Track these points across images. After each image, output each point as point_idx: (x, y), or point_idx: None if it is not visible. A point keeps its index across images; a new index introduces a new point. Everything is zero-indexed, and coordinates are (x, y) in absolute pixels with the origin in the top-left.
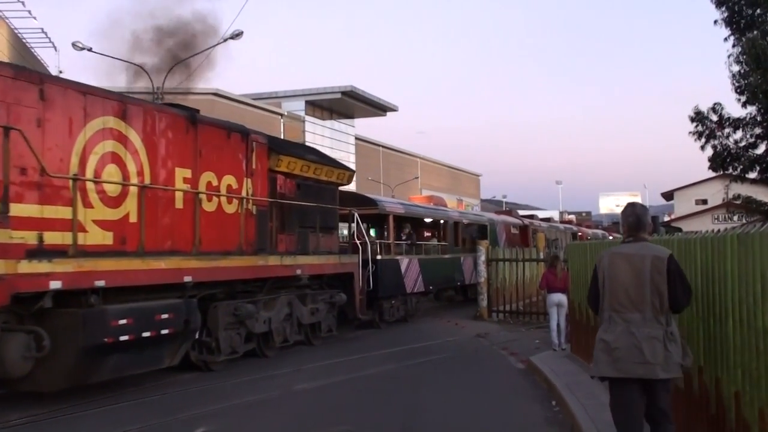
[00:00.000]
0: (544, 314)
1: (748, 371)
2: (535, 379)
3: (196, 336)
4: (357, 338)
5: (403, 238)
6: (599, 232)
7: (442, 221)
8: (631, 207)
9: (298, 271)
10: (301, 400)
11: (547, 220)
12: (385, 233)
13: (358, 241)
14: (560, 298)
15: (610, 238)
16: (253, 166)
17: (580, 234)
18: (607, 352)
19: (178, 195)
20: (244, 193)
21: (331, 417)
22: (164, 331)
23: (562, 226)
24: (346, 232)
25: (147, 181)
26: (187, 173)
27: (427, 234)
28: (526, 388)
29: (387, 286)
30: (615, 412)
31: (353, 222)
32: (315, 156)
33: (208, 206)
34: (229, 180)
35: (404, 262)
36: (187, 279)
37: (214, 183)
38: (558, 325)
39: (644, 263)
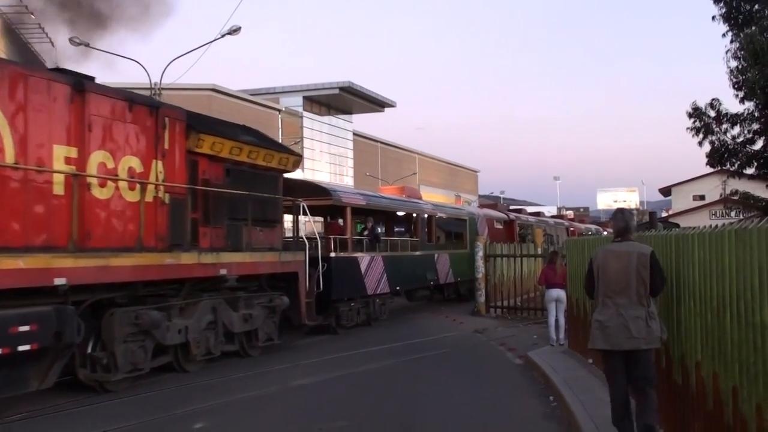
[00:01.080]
0: (542, 310)
1: (746, 366)
2: (533, 374)
3: (89, 350)
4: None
5: (365, 233)
6: (592, 227)
7: (414, 215)
8: (620, 213)
9: (223, 271)
10: (297, 396)
11: (537, 214)
12: (367, 230)
13: (304, 237)
14: (559, 293)
15: (605, 233)
16: (166, 146)
17: (572, 229)
18: (601, 329)
19: (57, 179)
20: (152, 178)
21: (328, 412)
22: (23, 348)
23: (552, 220)
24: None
25: (9, 160)
26: (71, 152)
27: (399, 229)
28: (524, 384)
29: (342, 286)
30: (610, 376)
31: (304, 214)
32: (251, 137)
33: (101, 193)
34: (131, 162)
35: (365, 260)
36: (60, 282)
37: (110, 165)
38: (556, 320)
39: (630, 259)
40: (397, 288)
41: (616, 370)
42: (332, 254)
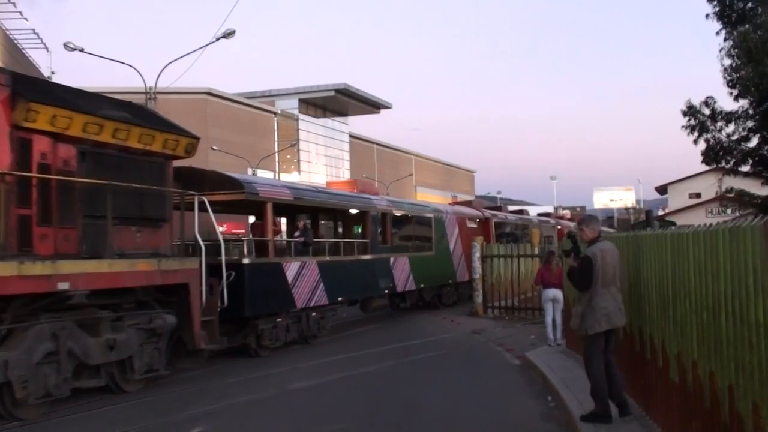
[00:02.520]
0: (540, 310)
1: (741, 364)
2: (530, 374)
3: None
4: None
5: (296, 234)
6: (587, 215)
7: (363, 212)
8: (595, 218)
9: (63, 285)
10: (295, 399)
11: (520, 212)
12: (299, 231)
13: (199, 239)
14: (555, 293)
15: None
16: None
17: (560, 227)
18: (604, 315)
19: None
20: None
21: (327, 415)
22: None
23: (536, 218)
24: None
25: None
26: None
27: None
28: (521, 384)
29: (260, 299)
30: (593, 356)
31: (203, 210)
32: (120, 112)
33: None
34: None
35: (292, 266)
36: None
37: None
38: (553, 320)
39: (614, 254)
40: (339, 299)
41: (601, 348)
42: (245, 260)
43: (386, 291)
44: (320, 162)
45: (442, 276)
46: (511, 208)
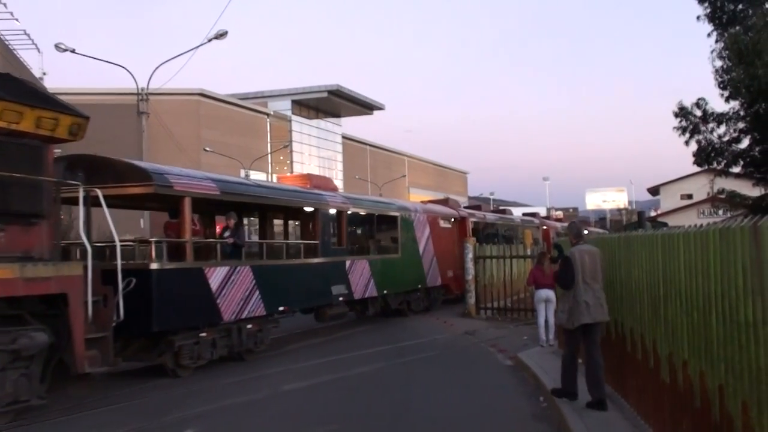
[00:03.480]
0: (532, 311)
1: (731, 364)
2: (523, 375)
3: None
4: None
5: (226, 234)
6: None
7: (313, 210)
8: (576, 224)
9: None
10: (288, 400)
11: (502, 211)
12: (229, 230)
13: (85, 239)
14: (548, 294)
15: (585, 232)
16: None
17: (545, 228)
18: (586, 308)
19: None
20: None
21: (319, 416)
22: None
23: (518, 218)
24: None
25: None
26: None
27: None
28: (514, 385)
29: (173, 312)
30: (570, 347)
31: (95, 205)
32: None
33: None
34: None
35: (218, 272)
36: None
37: None
38: (546, 321)
39: (595, 256)
40: (280, 308)
41: (578, 341)
42: (153, 266)
43: (341, 298)
44: (313, 163)
45: (410, 281)
46: (504, 208)
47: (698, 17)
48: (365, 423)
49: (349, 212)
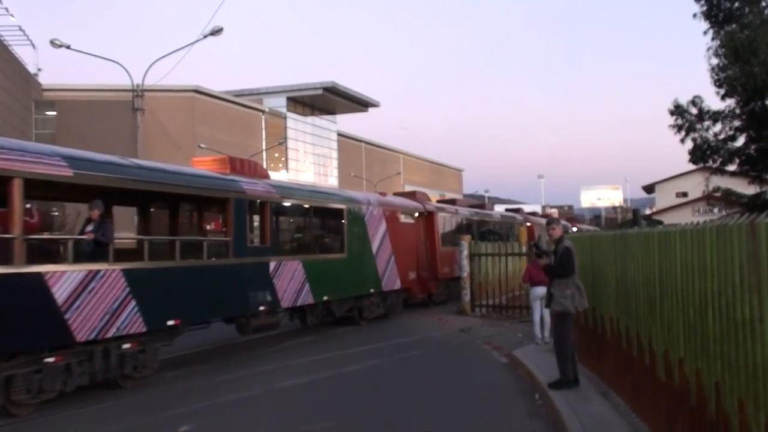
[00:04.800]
0: (527, 308)
1: (728, 362)
2: (518, 372)
3: None
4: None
5: (88, 229)
6: (552, 217)
7: (223, 200)
8: (559, 222)
9: None
10: (284, 397)
11: (481, 206)
12: (93, 223)
13: None
14: (543, 291)
15: (574, 229)
16: None
17: (529, 225)
18: (583, 294)
19: None
20: None
21: (314, 413)
22: None
23: (498, 214)
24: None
25: None
26: None
27: (211, 225)
28: (509, 382)
29: None
30: (566, 333)
31: None
32: None
33: None
34: None
35: (66, 279)
36: None
37: None
38: (541, 318)
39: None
40: (170, 323)
41: (571, 327)
42: None
43: (262, 307)
44: (308, 160)
45: (359, 284)
46: (500, 206)
47: (694, 15)
48: (360, 420)
49: (275, 203)
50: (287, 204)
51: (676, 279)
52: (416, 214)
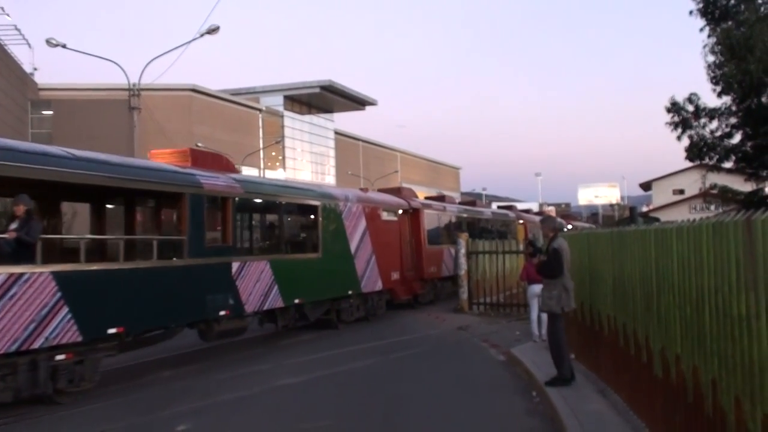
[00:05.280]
0: (525, 306)
1: (724, 359)
2: (515, 370)
3: None
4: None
5: (12, 227)
6: (546, 215)
7: (177, 195)
8: (554, 220)
9: None
10: (281, 395)
11: (472, 203)
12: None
13: None
14: (540, 289)
15: (569, 227)
16: None
17: (522, 223)
18: (571, 294)
19: None
20: None
21: (312, 412)
22: None
23: (489, 211)
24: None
25: None
26: None
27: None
28: (506, 380)
29: None
30: (559, 331)
31: None
32: None
33: None
34: None
35: None
36: None
37: None
38: (538, 316)
39: (568, 249)
40: (111, 331)
41: (563, 325)
42: None
43: (223, 312)
44: (305, 159)
45: (336, 286)
46: (496, 204)
47: (691, 12)
48: (358, 418)
49: (238, 199)
50: (253, 200)
51: (673, 276)
52: (400, 211)
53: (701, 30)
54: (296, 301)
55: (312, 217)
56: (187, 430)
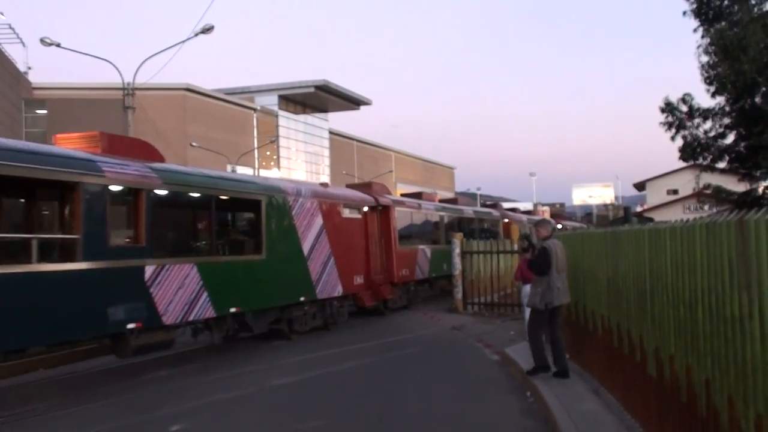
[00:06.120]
0: (519, 306)
1: (718, 358)
2: (510, 370)
3: None
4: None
5: None
6: (542, 218)
7: (71, 185)
8: (549, 221)
9: None
10: (276, 396)
11: (453, 201)
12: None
13: None
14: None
15: (558, 227)
16: None
17: (506, 221)
18: (557, 292)
19: None
20: None
21: (305, 412)
22: None
23: (470, 209)
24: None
25: None
26: None
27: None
28: (501, 380)
29: None
30: (538, 326)
31: None
32: None
33: None
34: None
35: None
36: None
37: None
38: None
39: (562, 249)
40: None
41: (544, 320)
42: None
43: (132, 325)
44: (300, 158)
45: (284, 292)
46: (492, 203)
47: (684, 13)
48: (352, 418)
49: (155, 191)
50: (175, 193)
51: (667, 276)
52: (365, 209)
53: (695, 30)
54: (232, 310)
55: (254, 213)
56: (181, 430)
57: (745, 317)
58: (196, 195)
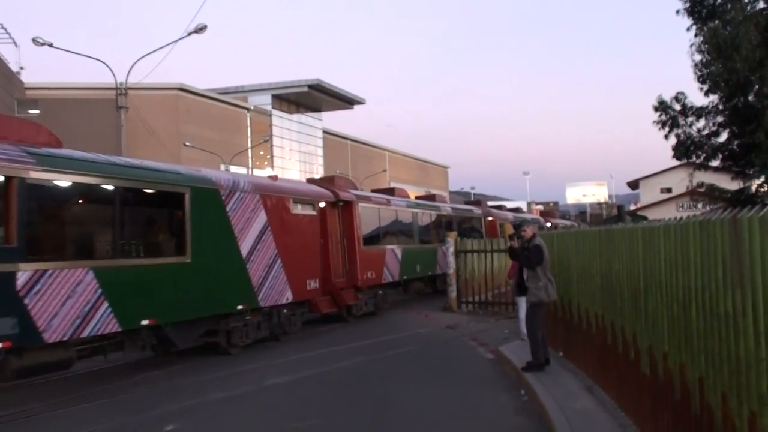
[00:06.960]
0: (513, 304)
1: (711, 356)
2: (504, 368)
3: None
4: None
5: None
6: (528, 216)
7: None
8: (534, 223)
9: None
10: (271, 395)
11: (431, 198)
12: None
13: None
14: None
15: (548, 225)
16: None
17: (491, 219)
18: (552, 287)
19: None
20: None
21: (300, 411)
22: None
23: (447, 206)
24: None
25: None
26: None
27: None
28: (495, 378)
29: None
30: (537, 321)
31: None
32: None
33: None
34: None
35: None
36: None
37: None
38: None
39: (546, 247)
40: None
41: (543, 316)
42: None
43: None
44: (294, 158)
45: (216, 299)
46: (476, 201)
47: (678, 11)
48: (346, 418)
49: (31, 180)
50: (62, 183)
51: (660, 274)
52: (322, 204)
53: (688, 29)
54: (145, 322)
55: (176, 208)
56: (175, 430)
57: (739, 315)
58: (93, 185)
